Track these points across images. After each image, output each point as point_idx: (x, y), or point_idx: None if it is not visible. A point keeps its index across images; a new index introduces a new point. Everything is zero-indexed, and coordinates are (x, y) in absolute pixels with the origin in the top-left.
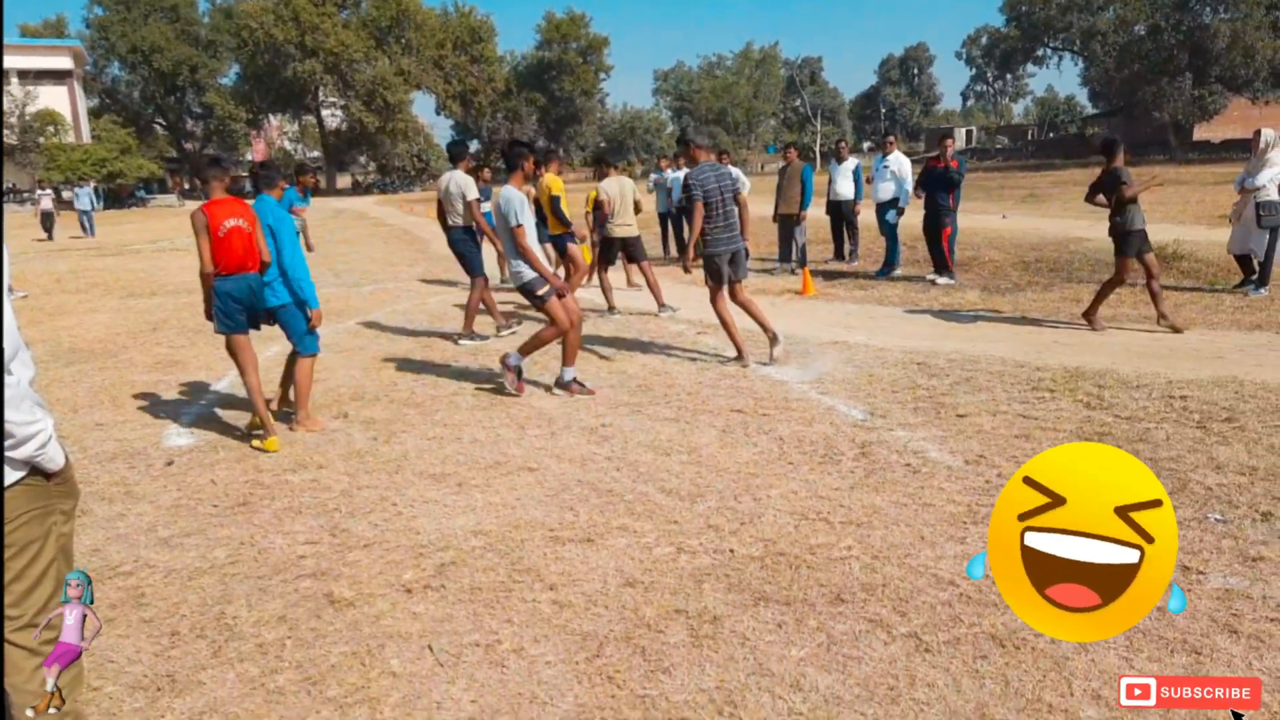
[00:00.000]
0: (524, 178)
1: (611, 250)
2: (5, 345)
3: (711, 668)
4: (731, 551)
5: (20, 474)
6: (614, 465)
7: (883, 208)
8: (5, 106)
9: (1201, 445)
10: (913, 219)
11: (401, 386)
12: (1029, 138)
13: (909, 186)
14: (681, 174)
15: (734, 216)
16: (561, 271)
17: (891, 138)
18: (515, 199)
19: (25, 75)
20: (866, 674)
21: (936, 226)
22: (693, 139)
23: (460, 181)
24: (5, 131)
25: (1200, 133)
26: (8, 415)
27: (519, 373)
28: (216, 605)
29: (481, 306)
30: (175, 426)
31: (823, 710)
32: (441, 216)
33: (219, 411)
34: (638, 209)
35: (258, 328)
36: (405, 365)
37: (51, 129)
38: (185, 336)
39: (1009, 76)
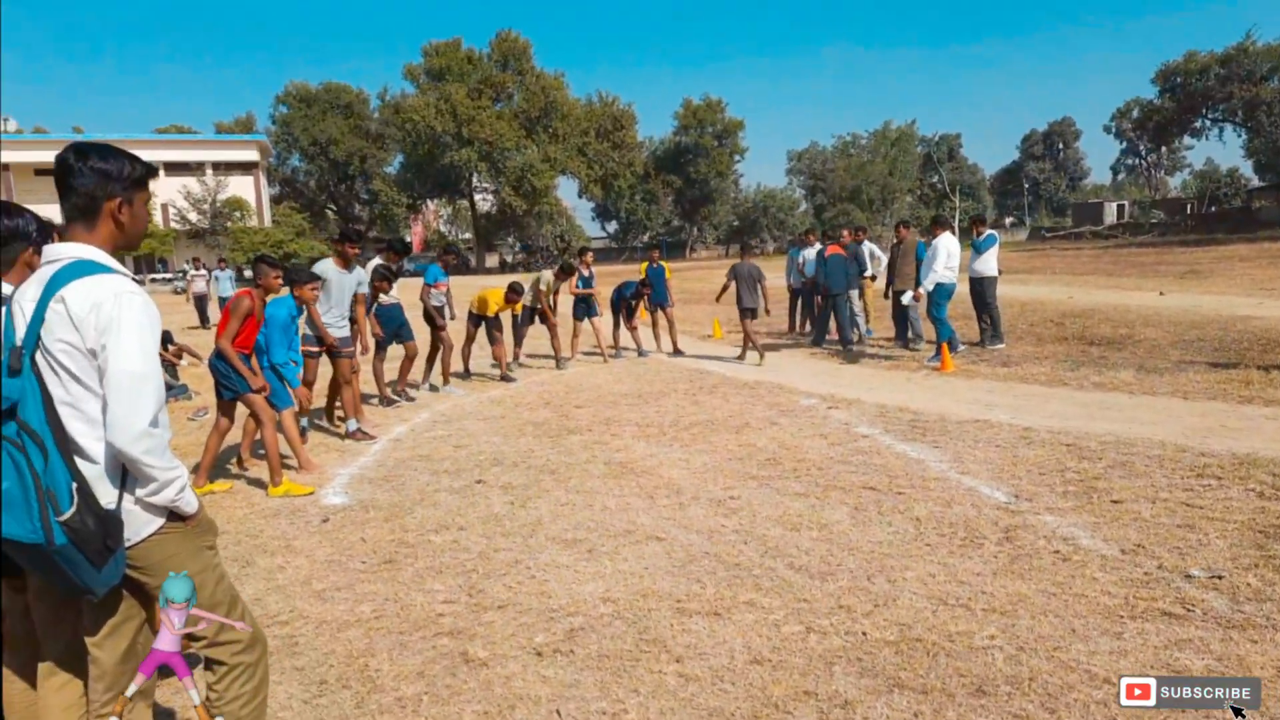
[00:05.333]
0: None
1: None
2: (155, 401)
3: None
4: (864, 634)
5: (160, 521)
6: (742, 538)
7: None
8: (198, 195)
9: None
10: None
11: (538, 454)
12: (1188, 211)
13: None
14: (813, 250)
15: None
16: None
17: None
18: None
19: (218, 167)
20: None
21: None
22: None
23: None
24: (198, 216)
25: None
26: (154, 462)
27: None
28: (361, 658)
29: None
30: (331, 486)
31: None
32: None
33: (370, 474)
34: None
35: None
36: (542, 433)
37: (238, 214)
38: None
39: (1163, 149)
